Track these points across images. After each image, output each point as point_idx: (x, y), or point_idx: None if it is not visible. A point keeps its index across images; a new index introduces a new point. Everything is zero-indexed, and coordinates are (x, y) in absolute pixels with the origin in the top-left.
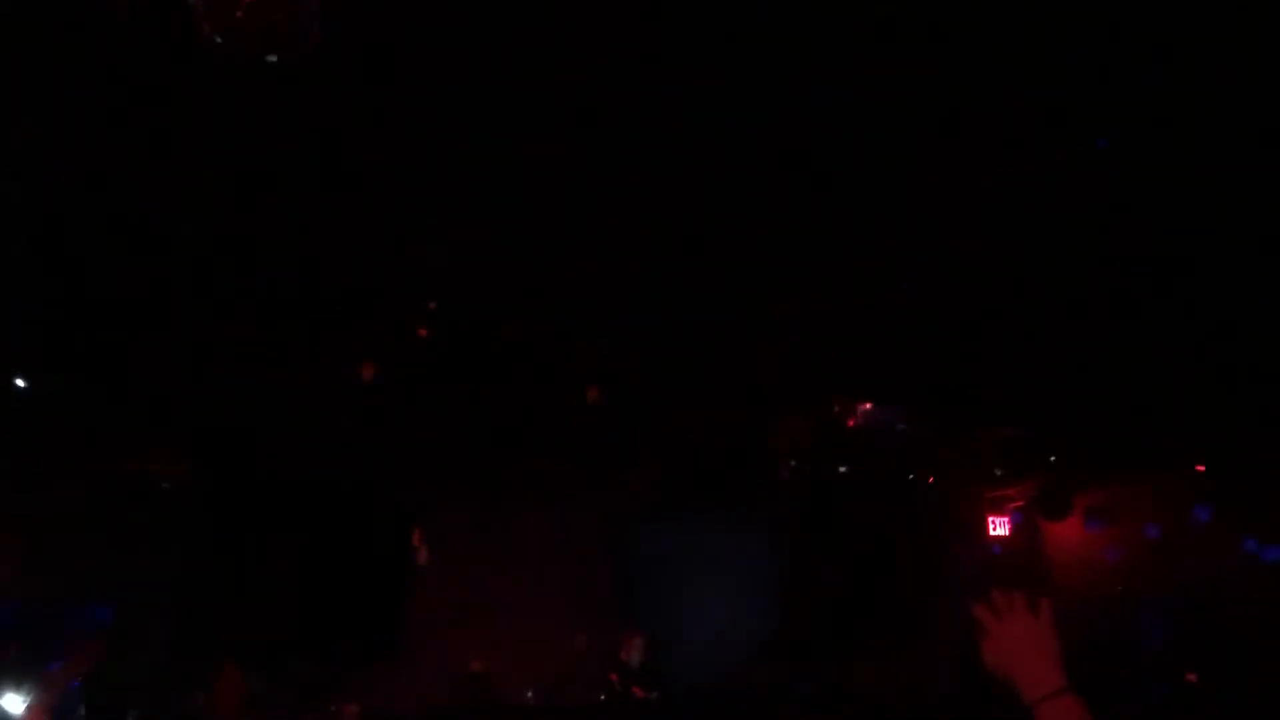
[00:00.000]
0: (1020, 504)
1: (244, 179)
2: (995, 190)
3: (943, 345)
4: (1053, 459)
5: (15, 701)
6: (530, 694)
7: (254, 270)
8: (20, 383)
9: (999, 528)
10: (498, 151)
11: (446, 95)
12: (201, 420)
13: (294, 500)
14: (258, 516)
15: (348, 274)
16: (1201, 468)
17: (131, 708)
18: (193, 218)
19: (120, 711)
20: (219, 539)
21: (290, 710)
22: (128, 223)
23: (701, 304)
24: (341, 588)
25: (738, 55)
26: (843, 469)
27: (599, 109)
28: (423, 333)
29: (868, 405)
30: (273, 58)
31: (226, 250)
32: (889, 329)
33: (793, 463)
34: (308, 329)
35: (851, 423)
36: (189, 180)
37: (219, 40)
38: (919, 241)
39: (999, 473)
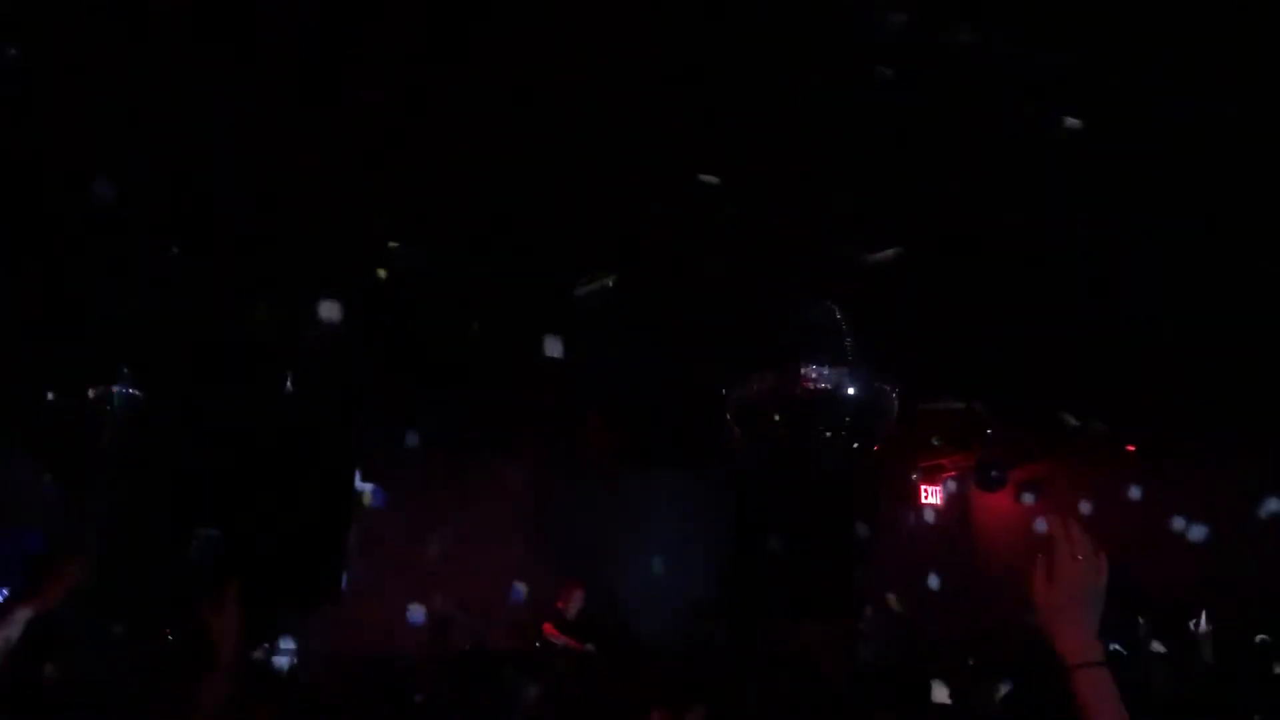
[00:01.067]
0: (954, 474)
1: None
2: (946, 162)
3: (893, 317)
4: (989, 433)
5: None
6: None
7: (203, 201)
8: None
9: (931, 496)
10: (457, 98)
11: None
12: (141, 350)
13: (236, 438)
14: (197, 452)
15: (299, 206)
16: (1132, 448)
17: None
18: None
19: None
20: (156, 473)
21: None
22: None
23: (656, 262)
24: (283, 529)
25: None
26: (791, 432)
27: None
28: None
29: (817, 371)
30: None
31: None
32: (843, 296)
33: (743, 424)
34: (257, 264)
35: (801, 384)
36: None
37: None
38: (872, 212)
39: (936, 443)
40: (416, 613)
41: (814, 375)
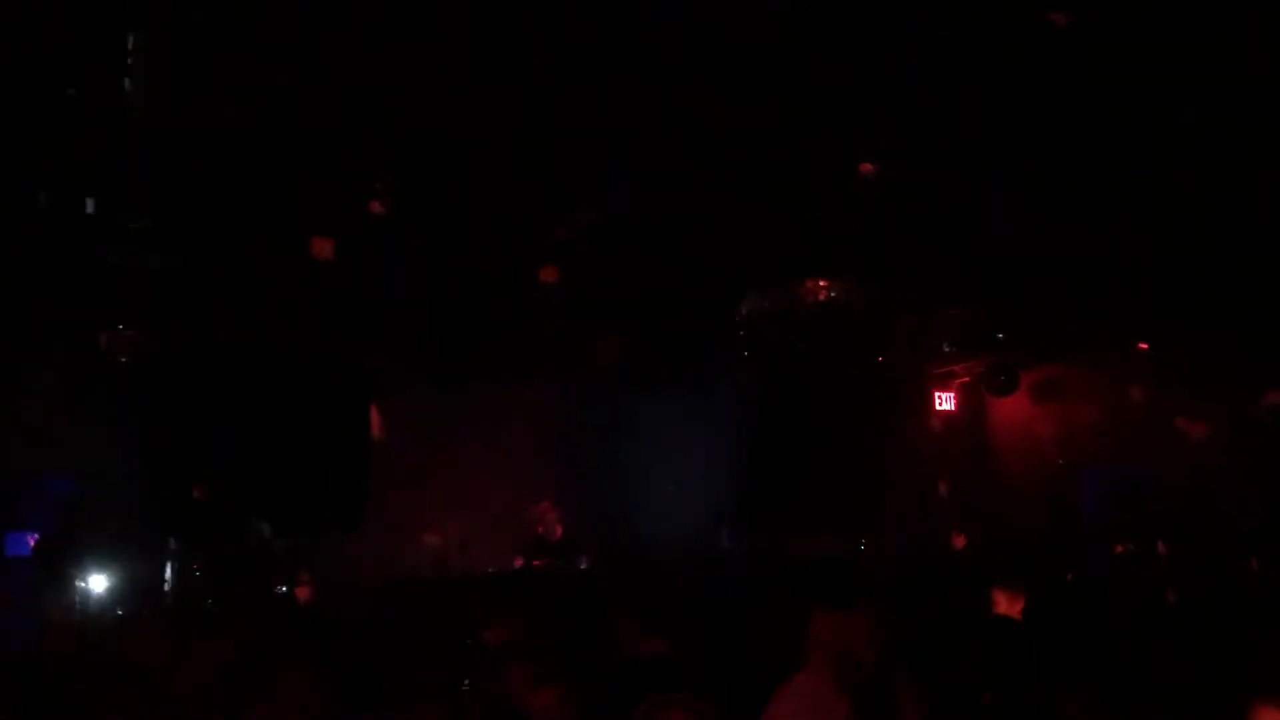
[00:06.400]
0: (966, 380)
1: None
2: (943, 66)
3: (897, 226)
4: (1000, 336)
5: None
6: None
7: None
8: None
9: (945, 403)
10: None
11: None
12: (158, 291)
13: (252, 370)
14: (216, 388)
15: (308, 130)
16: (1144, 345)
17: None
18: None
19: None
20: (177, 411)
21: (251, 583)
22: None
23: (666, 179)
24: (301, 459)
25: None
26: (800, 345)
27: None
28: (378, 206)
29: (824, 283)
30: None
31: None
32: (847, 208)
33: (751, 338)
34: (264, 191)
35: (809, 300)
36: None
37: None
38: (876, 123)
39: (947, 349)
40: (432, 540)
41: (820, 288)
